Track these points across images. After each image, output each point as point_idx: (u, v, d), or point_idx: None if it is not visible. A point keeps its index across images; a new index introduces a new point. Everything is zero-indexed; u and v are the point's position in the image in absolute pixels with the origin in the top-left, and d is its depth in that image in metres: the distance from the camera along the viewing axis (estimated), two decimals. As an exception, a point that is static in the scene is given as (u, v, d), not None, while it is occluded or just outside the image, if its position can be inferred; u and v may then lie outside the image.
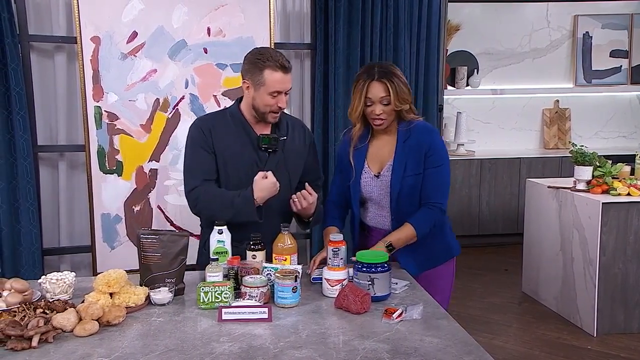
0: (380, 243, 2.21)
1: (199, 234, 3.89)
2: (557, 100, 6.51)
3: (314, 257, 2.28)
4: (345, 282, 2.00)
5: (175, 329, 1.75)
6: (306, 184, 2.28)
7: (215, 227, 2.14)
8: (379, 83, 2.22)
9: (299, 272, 1.97)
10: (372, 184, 2.32)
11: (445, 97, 5.26)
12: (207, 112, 2.53)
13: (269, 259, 2.17)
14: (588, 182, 3.94)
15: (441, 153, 2.28)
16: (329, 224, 2.41)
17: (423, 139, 2.25)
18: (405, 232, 2.22)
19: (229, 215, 2.19)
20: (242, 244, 2.18)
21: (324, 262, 2.16)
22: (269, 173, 2.21)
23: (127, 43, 3.74)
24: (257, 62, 2.21)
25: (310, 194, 2.24)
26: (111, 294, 1.88)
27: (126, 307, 1.85)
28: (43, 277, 1.98)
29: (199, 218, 2.44)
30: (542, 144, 6.53)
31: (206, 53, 3.87)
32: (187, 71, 3.85)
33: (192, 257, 2.24)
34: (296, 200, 2.25)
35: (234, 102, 2.41)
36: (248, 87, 2.26)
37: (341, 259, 2.03)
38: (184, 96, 3.87)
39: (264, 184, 2.19)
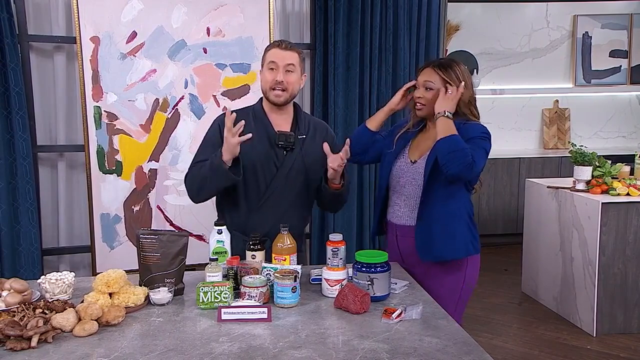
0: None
1: (198, 233, 3.91)
2: (557, 100, 6.51)
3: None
4: (344, 282, 2.00)
5: (174, 329, 1.75)
6: (324, 144, 2.26)
7: (214, 227, 2.14)
8: (429, 69, 2.26)
9: (298, 272, 1.97)
10: (405, 170, 2.31)
11: (444, 97, 5.26)
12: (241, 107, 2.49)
13: (268, 259, 2.17)
14: (587, 182, 3.94)
15: (483, 143, 2.20)
16: None
17: (470, 134, 2.19)
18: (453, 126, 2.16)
19: (209, 179, 2.21)
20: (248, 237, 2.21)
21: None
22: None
23: (126, 43, 3.74)
24: (264, 50, 2.36)
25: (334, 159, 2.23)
26: (110, 294, 1.88)
27: (125, 307, 1.85)
28: (42, 277, 1.98)
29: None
30: (541, 144, 6.53)
31: (206, 53, 3.87)
32: (186, 71, 3.85)
33: (191, 257, 2.24)
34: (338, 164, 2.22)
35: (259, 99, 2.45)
36: (260, 73, 2.36)
37: (340, 258, 2.03)
38: (183, 96, 3.87)
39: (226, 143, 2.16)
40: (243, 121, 2.15)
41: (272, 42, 2.39)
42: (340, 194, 2.35)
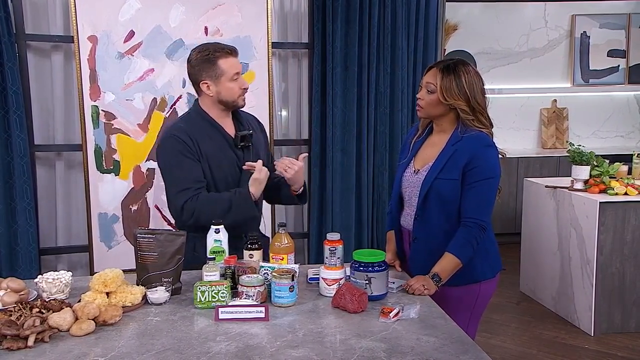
0: (426, 275, 2.07)
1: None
2: (555, 100, 6.51)
3: (392, 260, 2.27)
4: (342, 281, 2.00)
5: (171, 328, 1.75)
6: (285, 157, 2.33)
7: (212, 226, 2.13)
8: (434, 70, 2.15)
9: (296, 272, 1.96)
10: (410, 180, 2.23)
11: (443, 96, 5.26)
12: (174, 121, 2.42)
13: (266, 258, 2.17)
14: (585, 182, 3.94)
15: (487, 168, 2.12)
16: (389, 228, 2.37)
17: (470, 149, 2.10)
18: (448, 261, 2.08)
19: (229, 217, 2.19)
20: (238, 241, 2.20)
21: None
22: (257, 164, 2.26)
23: (124, 42, 3.73)
24: (207, 58, 2.27)
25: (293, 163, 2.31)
26: (108, 294, 1.88)
27: (123, 307, 1.84)
28: (39, 276, 1.98)
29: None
30: (539, 143, 6.53)
31: (204, 52, 3.86)
32: (184, 70, 3.81)
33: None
34: (287, 168, 2.29)
35: (192, 105, 2.41)
36: (208, 86, 2.29)
37: (338, 258, 2.02)
38: (181, 95, 3.86)
39: (256, 177, 2.25)
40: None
41: (218, 51, 2.27)
42: (300, 197, 2.44)
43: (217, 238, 2.13)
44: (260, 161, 2.28)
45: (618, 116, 6.64)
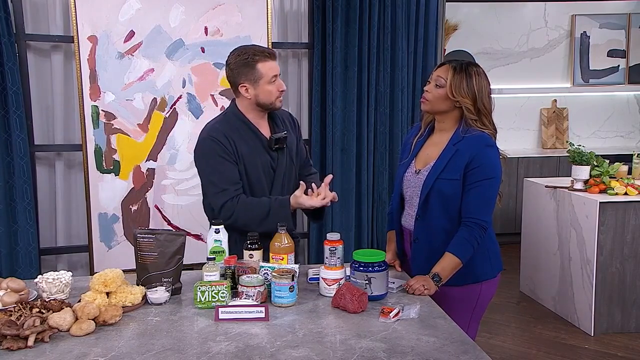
0: (426, 275, 2.08)
1: (196, 233, 3.89)
2: (555, 100, 6.51)
3: (392, 260, 2.28)
4: (342, 281, 2.00)
5: (171, 328, 1.75)
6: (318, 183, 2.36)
7: (212, 226, 2.14)
8: (446, 66, 2.15)
9: (296, 272, 1.97)
10: (411, 179, 2.23)
11: (443, 96, 5.25)
12: (212, 121, 2.41)
13: (266, 259, 2.17)
14: (585, 182, 3.94)
15: (488, 168, 2.12)
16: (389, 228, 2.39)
17: (471, 149, 2.11)
18: (448, 261, 2.08)
19: (265, 223, 2.23)
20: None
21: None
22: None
23: (124, 42, 3.73)
24: (246, 62, 2.27)
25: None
26: (108, 294, 1.88)
27: (123, 307, 1.85)
28: (39, 276, 1.98)
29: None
30: (539, 143, 6.53)
31: (203, 52, 3.87)
32: (184, 70, 3.85)
33: (188, 257, 2.24)
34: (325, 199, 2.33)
35: (229, 106, 2.42)
36: (247, 89, 2.29)
37: (338, 258, 2.02)
38: (181, 95, 3.86)
39: (301, 200, 2.27)
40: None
41: (257, 54, 2.27)
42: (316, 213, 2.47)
43: (217, 238, 2.13)
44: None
45: (618, 116, 6.63)
